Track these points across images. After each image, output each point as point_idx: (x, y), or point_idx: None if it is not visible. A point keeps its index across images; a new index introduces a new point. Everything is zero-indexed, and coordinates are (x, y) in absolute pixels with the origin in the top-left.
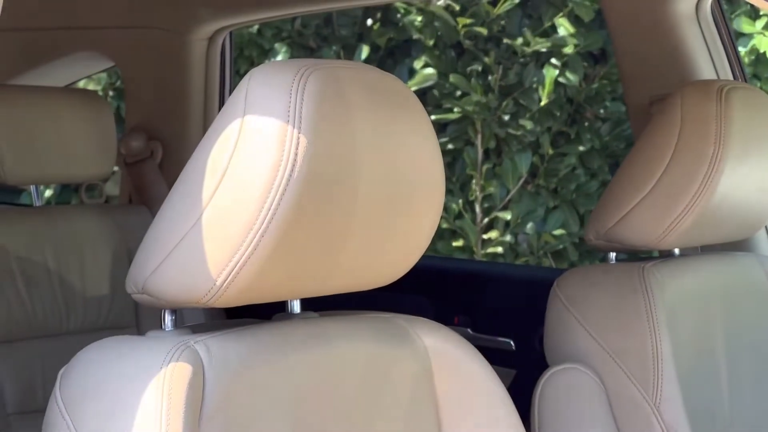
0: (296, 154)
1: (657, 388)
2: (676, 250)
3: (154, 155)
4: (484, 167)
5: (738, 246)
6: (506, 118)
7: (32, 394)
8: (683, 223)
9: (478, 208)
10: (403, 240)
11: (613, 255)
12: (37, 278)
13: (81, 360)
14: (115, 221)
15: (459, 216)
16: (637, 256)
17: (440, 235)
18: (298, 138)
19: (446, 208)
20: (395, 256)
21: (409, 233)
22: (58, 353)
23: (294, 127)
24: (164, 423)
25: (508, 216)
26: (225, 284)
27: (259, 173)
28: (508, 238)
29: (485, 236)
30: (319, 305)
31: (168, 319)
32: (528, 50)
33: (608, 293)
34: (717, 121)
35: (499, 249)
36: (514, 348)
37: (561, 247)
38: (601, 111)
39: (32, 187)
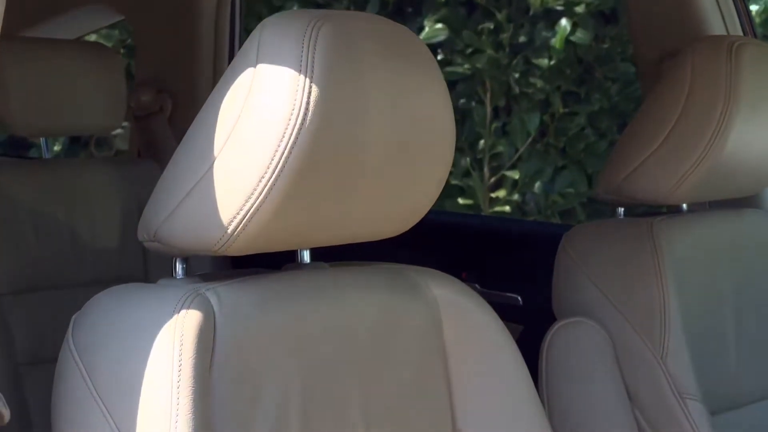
0: (308, 104)
1: (663, 341)
2: (684, 206)
3: (164, 109)
4: (493, 125)
5: (746, 202)
6: (516, 76)
7: (42, 344)
8: (692, 177)
9: (486, 167)
10: (413, 190)
11: (621, 210)
12: (47, 230)
13: (93, 306)
14: (124, 175)
15: (467, 174)
16: (645, 212)
17: (448, 192)
18: (310, 88)
19: (454, 166)
20: (405, 206)
21: (419, 183)
22: (68, 304)
23: (306, 76)
24: (176, 369)
25: (516, 175)
26: (236, 232)
27: (271, 122)
28: (515, 197)
29: (493, 195)
30: (328, 258)
31: (179, 267)
32: (539, 7)
33: (616, 248)
34: (727, 77)
35: (507, 208)
36: (521, 303)
37: (569, 206)
38: (611, 71)
39: (42, 140)
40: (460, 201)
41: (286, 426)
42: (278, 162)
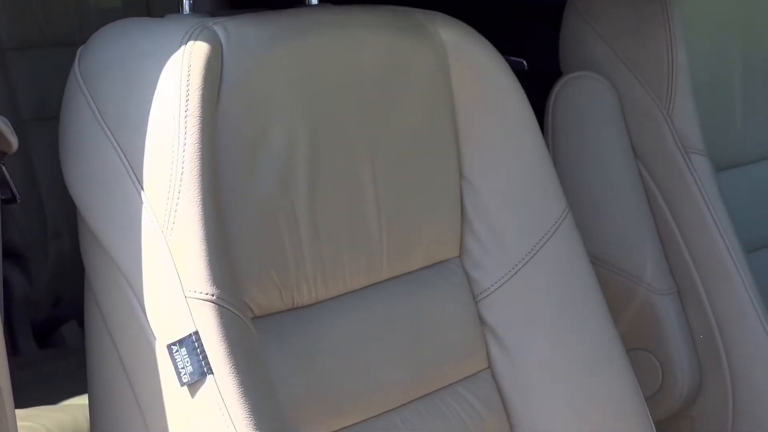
0: None
1: (670, 97)
2: None
3: None
4: None
5: None
6: None
7: (47, 100)
8: None
9: None
10: None
11: None
12: None
13: (100, 37)
14: None
15: None
16: None
17: None
18: None
19: None
20: None
21: None
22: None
23: None
24: (183, 98)
25: None
26: None
27: None
28: None
29: None
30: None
31: (186, 2)
32: None
33: (625, 2)
34: None
35: None
36: (526, 68)
37: None
38: None
39: None
40: None
41: (294, 164)
42: None
